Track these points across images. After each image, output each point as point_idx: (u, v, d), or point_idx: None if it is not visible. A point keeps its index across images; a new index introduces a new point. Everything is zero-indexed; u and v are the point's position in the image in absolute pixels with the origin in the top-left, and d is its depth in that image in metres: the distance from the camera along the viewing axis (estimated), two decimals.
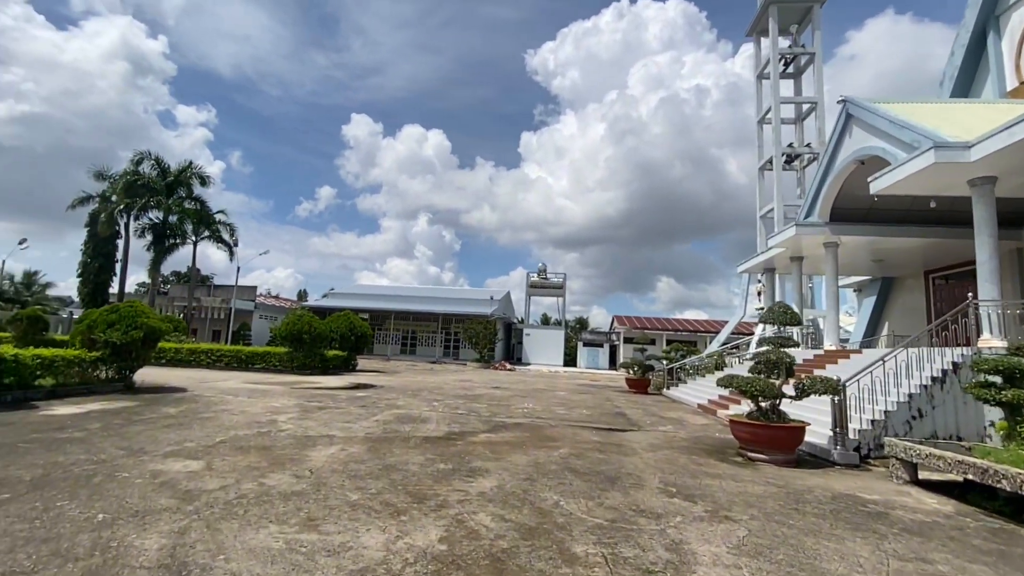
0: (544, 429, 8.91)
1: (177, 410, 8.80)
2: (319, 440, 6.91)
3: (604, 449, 7.35)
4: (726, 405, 12.20)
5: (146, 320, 10.89)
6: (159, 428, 7.14)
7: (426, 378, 19.95)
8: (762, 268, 20.99)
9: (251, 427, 7.58)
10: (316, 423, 8.23)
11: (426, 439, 7.40)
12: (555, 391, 17.06)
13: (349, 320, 22.05)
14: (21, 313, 21.72)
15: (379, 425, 8.35)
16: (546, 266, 46.51)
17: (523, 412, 11.01)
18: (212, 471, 5.10)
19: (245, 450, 6.10)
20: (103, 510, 3.87)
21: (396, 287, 54.51)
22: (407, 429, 8.12)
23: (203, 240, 32.80)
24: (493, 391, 15.63)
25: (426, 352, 42.87)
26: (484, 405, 11.82)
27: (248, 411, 9.10)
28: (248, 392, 11.90)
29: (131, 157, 31.17)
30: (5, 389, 8.71)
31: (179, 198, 32.62)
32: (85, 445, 5.91)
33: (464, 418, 9.64)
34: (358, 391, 13.45)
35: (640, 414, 11.84)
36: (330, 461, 5.76)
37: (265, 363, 19.04)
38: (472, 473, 5.55)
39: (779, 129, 30.40)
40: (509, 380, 21.55)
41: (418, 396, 12.92)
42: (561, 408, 12.14)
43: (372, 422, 8.62)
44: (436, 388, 15.50)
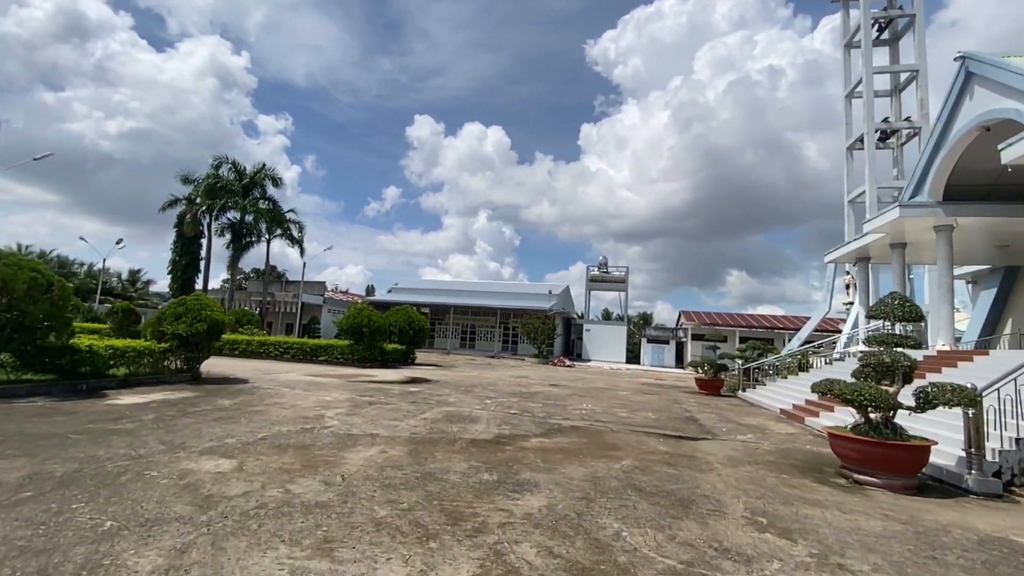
0: (604, 434, 8.05)
1: (231, 402, 8.83)
2: (361, 440, 6.51)
3: (674, 462, 6.40)
4: (815, 412, 10.70)
5: (210, 313, 11.17)
6: (208, 421, 7.06)
7: (482, 373, 19.55)
8: (854, 258, 18.70)
9: (296, 423, 7.35)
10: (362, 420, 7.90)
11: (473, 442, 6.80)
12: (616, 390, 16.02)
13: (407, 314, 22.13)
14: (117, 307, 23.69)
15: (426, 424, 7.87)
16: (607, 259, 44.96)
17: (581, 414, 10.18)
18: (241, 472, 4.76)
19: (283, 449, 5.78)
20: (114, 516, 3.55)
21: (456, 282, 55.07)
22: (454, 430, 7.58)
23: (276, 238, 34.54)
24: (549, 389, 14.88)
25: (485, 346, 42.84)
26: (539, 404, 11.11)
27: (299, 405, 8.98)
28: (305, 385, 11.95)
29: (211, 162, 33.33)
30: (81, 378, 9.13)
31: (254, 199, 34.49)
32: (130, 438, 5.84)
33: (516, 419, 8.98)
34: (412, 386, 13.20)
35: (714, 419, 10.63)
36: (366, 465, 5.29)
37: (328, 355, 19.46)
38: (519, 487, 4.86)
39: (872, 103, 27.03)
40: (567, 377, 20.70)
41: (471, 393, 12.44)
42: (623, 410, 11.18)
43: (419, 420, 8.17)
44: (491, 384, 15.00)
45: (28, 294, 7.89)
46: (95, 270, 63.97)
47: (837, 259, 20.11)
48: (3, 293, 7.72)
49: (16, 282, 7.79)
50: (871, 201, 26.15)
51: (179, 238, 33.43)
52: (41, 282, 8.05)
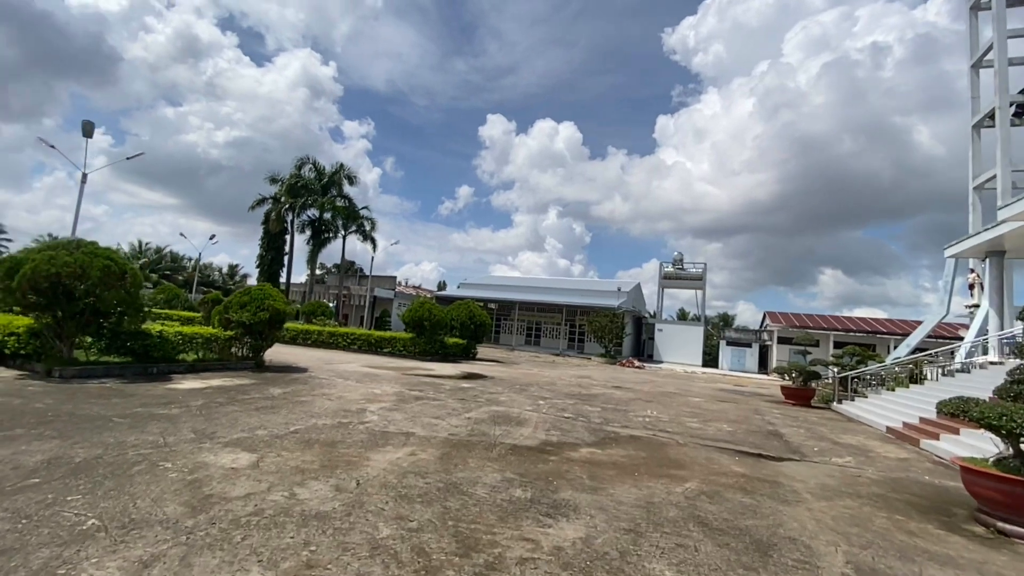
0: (667, 448, 7.05)
1: (281, 391, 8.84)
2: (393, 439, 6.07)
3: (751, 488, 5.32)
4: (934, 433, 8.89)
5: (272, 303, 11.43)
6: (249, 411, 6.98)
7: (542, 371, 18.84)
8: (982, 252, 15.83)
9: (336, 416, 7.09)
10: (403, 416, 7.50)
11: (514, 449, 6.13)
12: (688, 396, 14.64)
13: (469, 309, 21.94)
14: (207, 297, 25.67)
15: (468, 425, 7.32)
16: (682, 256, 42.41)
17: (643, 421, 9.17)
18: (255, 470, 4.44)
19: (309, 445, 5.46)
20: (102, 514, 3.28)
21: (523, 278, 54.74)
22: (497, 433, 6.96)
23: (351, 234, 36.05)
24: (612, 391, 13.86)
25: (550, 344, 42.07)
26: (597, 408, 10.21)
27: (345, 397, 8.81)
28: (359, 376, 11.93)
29: (294, 163, 35.38)
30: (153, 362, 9.61)
31: (331, 196, 36.19)
32: (168, 424, 5.80)
33: (569, 424, 8.19)
34: (465, 382, 12.79)
35: (803, 436, 9.16)
36: (388, 469, 4.79)
37: (391, 348, 19.70)
38: (554, 510, 4.11)
39: (1005, 72, 22.65)
40: (634, 379, 19.43)
41: (525, 392, 11.79)
42: (693, 420, 9.99)
43: (462, 420, 7.64)
44: (548, 384, 14.25)
45: (102, 281, 8.32)
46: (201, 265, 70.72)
47: (960, 254, 17.14)
48: (80, 279, 8.19)
49: (91, 269, 8.24)
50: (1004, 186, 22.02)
51: (266, 234, 35.83)
52: (114, 270, 8.47)
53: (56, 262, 8.04)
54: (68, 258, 8.17)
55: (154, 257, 64.00)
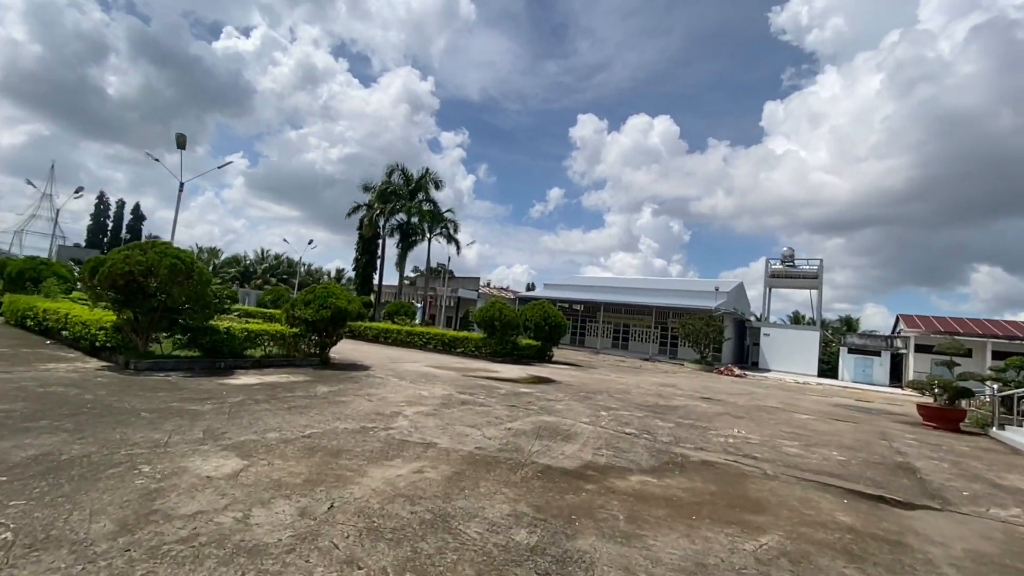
0: (747, 481, 5.59)
1: (328, 389, 8.64)
2: (410, 449, 5.39)
3: (860, 551, 3.82)
4: None
5: (335, 301, 11.50)
6: (280, 409, 6.74)
7: (620, 377, 17.35)
8: None
9: (364, 419, 6.61)
10: (436, 423, 6.83)
11: (545, 471, 5.14)
12: (793, 412, 12.41)
13: (543, 309, 21.04)
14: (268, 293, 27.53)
15: (506, 436, 6.45)
16: (793, 251, 37.84)
17: (725, 443, 7.62)
18: (230, 481, 3.97)
19: (312, 452, 4.95)
20: (24, 527, 2.92)
21: (610, 278, 52.62)
22: (535, 448, 6.00)
23: (435, 236, 36.97)
24: (696, 403, 12.14)
25: (639, 348, 39.70)
26: (670, 424, 8.78)
27: (388, 398, 8.38)
28: (416, 376, 11.58)
29: (384, 170, 37.11)
30: (221, 357, 9.99)
31: (419, 201, 37.42)
32: (185, 421, 5.65)
33: (627, 442, 6.96)
34: (526, 386, 11.91)
35: (946, 473, 7.01)
36: (379, 490, 4.08)
37: (463, 348, 19.45)
38: (558, 566, 3.09)
39: None
40: (730, 390, 17.18)
41: (589, 400, 10.61)
42: (793, 443, 8.18)
43: (501, 430, 6.78)
44: (621, 392, 12.88)
45: (170, 278, 8.73)
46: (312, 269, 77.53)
47: None
48: (151, 277, 8.65)
49: (160, 268, 8.67)
50: None
51: (360, 239, 38.01)
52: (181, 267, 8.86)
53: (130, 261, 8.55)
54: (140, 257, 8.66)
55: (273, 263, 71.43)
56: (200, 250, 69.90)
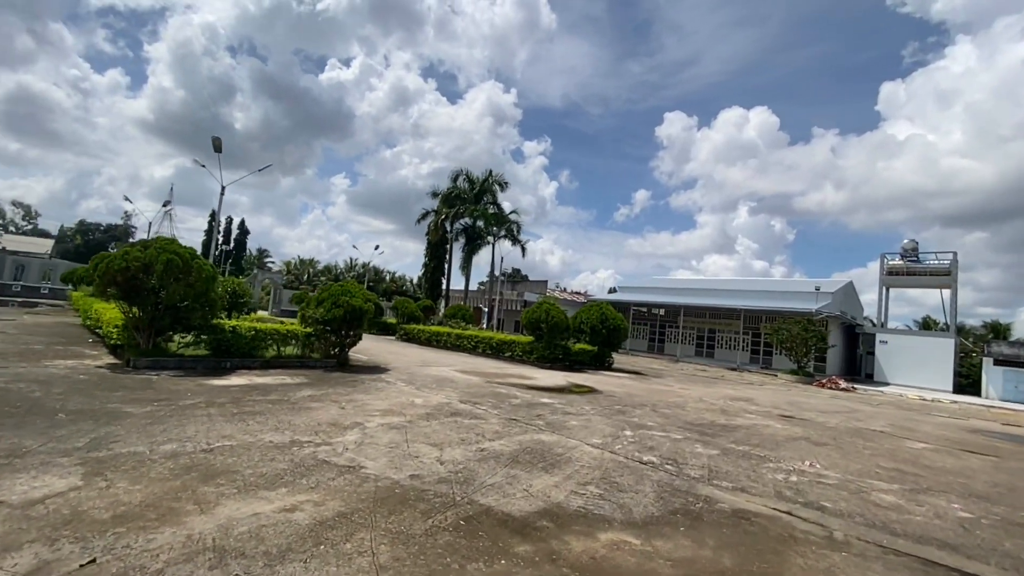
0: (794, 549, 3.69)
1: (312, 393, 7.83)
2: (316, 474, 4.23)
3: None
4: None
5: (347, 299, 10.85)
6: (227, 415, 5.95)
7: (684, 389, 15.01)
8: None
9: (308, 432, 5.60)
10: (396, 438, 5.63)
11: (477, 518, 3.70)
12: (905, 439, 9.55)
13: (600, 311, 19.13)
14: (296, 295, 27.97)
15: (467, 460, 5.07)
16: (916, 243, 31.94)
17: (783, 482, 5.57)
18: (22, 509, 3.05)
19: (185, 471, 3.97)
20: None
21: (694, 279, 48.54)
22: (492, 481, 4.56)
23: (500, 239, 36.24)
24: (767, 424, 9.77)
25: (726, 356, 35.76)
26: (715, 451, 6.79)
27: (369, 406, 7.35)
28: (430, 381, 10.51)
29: (450, 174, 37.17)
30: (229, 356, 9.67)
31: (485, 204, 36.99)
32: (96, 424, 4.98)
33: (635, 474, 5.25)
34: (553, 396, 10.32)
35: None
36: (193, 539, 2.95)
37: (512, 352, 18.18)
38: None
39: None
40: (822, 407, 14.13)
41: (622, 416, 8.81)
42: (890, 486, 5.85)
43: (470, 452, 5.41)
44: (672, 406, 10.80)
45: (165, 273, 8.49)
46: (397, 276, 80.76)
47: None
48: (148, 273, 8.45)
49: (156, 264, 8.45)
50: None
51: (428, 244, 38.36)
52: (177, 263, 8.61)
53: (128, 257, 8.42)
54: (138, 253, 8.51)
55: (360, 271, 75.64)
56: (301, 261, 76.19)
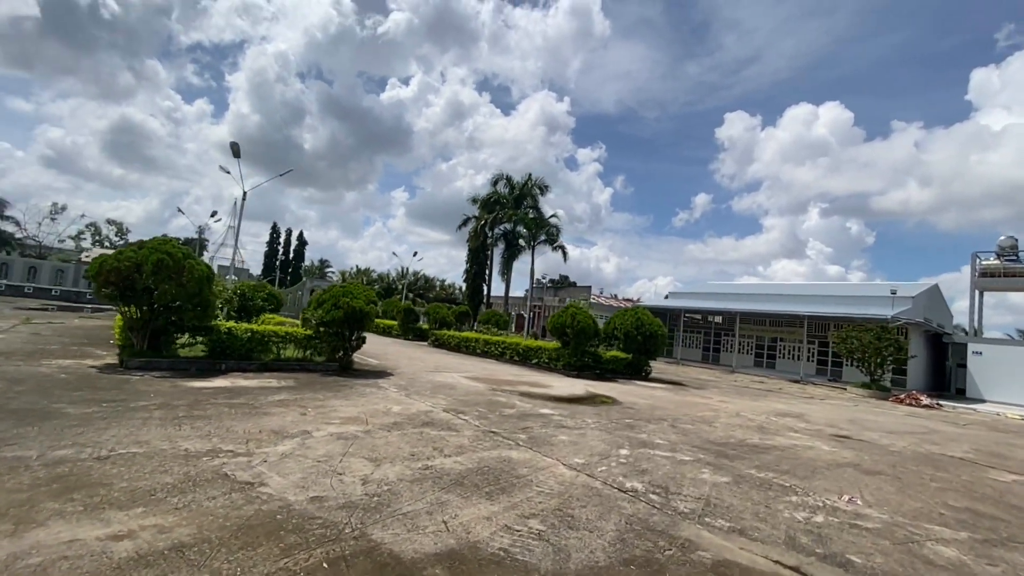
0: None
1: (284, 398, 7.37)
2: (198, 492, 3.62)
3: None
4: None
5: (348, 301, 10.45)
6: (173, 418, 5.54)
7: (725, 402, 13.43)
8: None
9: (242, 440, 5.06)
10: (336, 450, 4.97)
11: (357, 557, 2.92)
12: (988, 470, 7.70)
13: (636, 316, 17.77)
14: (400, 305, 28.03)
15: (401, 480, 4.31)
16: (1015, 240, 27.84)
17: (802, 523, 4.33)
18: None
19: (34, 487, 3.47)
20: None
21: (752, 284, 45.24)
22: (413, 508, 3.76)
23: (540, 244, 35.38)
24: (811, 445, 8.26)
25: (789, 367, 32.75)
26: (726, 478, 5.58)
27: (336, 413, 6.77)
28: (426, 388, 9.82)
29: (490, 179, 36.87)
30: (224, 358, 9.50)
31: (525, 208, 36.35)
32: (42, 428, 4.66)
33: (601, 506, 4.25)
34: (559, 406, 9.32)
35: None
36: None
37: (538, 359, 17.23)
38: None
39: None
40: (894, 425, 12.10)
41: (628, 431, 7.68)
42: (956, 533, 4.44)
43: (412, 469, 4.63)
44: (700, 421, 9.47)
45: (155, 273, 8.41)
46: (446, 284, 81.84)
47: None
48: (139, 273, 8.40)
49: (146, 264, 8.38)
50: None
51: (469, 251, 38.17)
52: (167, 263, 8.52)
53: (121, 257, 8.42)
54: (131, 253, 8.50)
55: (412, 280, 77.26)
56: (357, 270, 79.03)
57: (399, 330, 26.42)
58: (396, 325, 26.76)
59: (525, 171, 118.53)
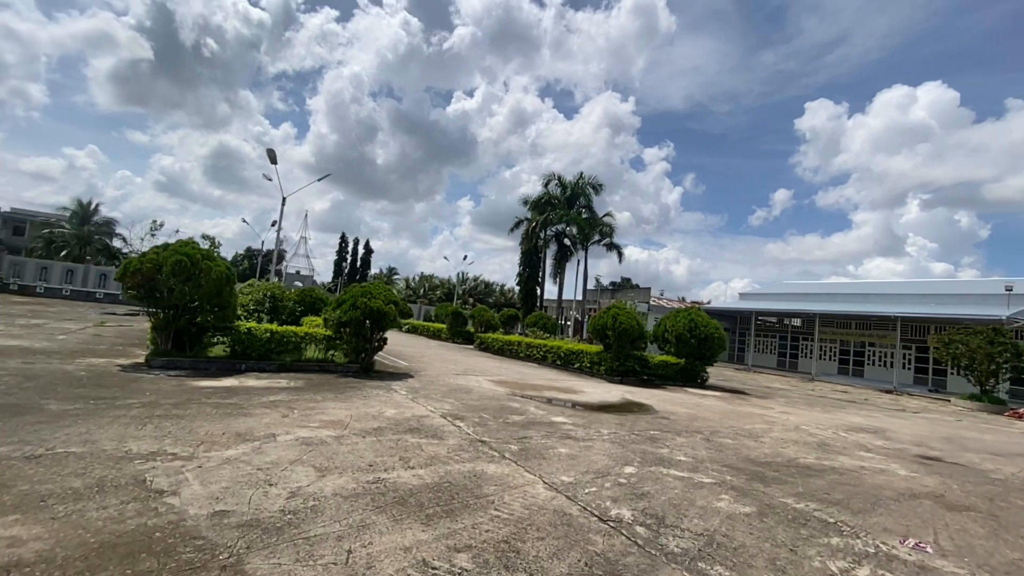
0: None
1: (281, 399, 7.13)
2: (90, 501, 3.26)
3: None
4: None
5: (366, 301, 10.21)
6: (159, 418, 5.40)
7: (783, 413, 11.78)
8: None
9: (198, 444, 4.76)
10: (302, 461, 4.53)
11: None
12: None
13: (689, 317, 16.29)
14: (448, 308, 28.00)
15: (337, 497, 3.76)
16: None
17: None
18: None
19: None
20: None
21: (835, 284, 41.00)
22: (329, 530, 3.19)
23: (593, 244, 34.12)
24: (880, 470, 6.78)
25: (880, 375, 29.15)
26: (748, 508, 4.51)
27: (325, 416, 6.39)
28: (448, 392, 9.29)
29: (542, 179, 36.19)
30: (244, 358, 9.57)
31: (578, 207, 35.31)
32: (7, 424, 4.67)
33: (572, 538, 3.44)
34: (580, 415, 8.42)
35: None
36: None
37: (580, 363, 16.26)
38: None
39: None
40: (1004, 447, 9.93)
41: (646, 445, 6.67)
42: None
43: (363, 482, 4.08)
44: (744, 435, 8.18)
45: (173, 274, 8.59)
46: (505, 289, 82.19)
47: None
48: (160, 274, 8.61)
49: (166, 266, 8.58)
50: None
51: (522, 253, 37.66)
52: (185, 264, 8.68)
53: (143, 259, 8.68)
54: (153, 255, 8.74)
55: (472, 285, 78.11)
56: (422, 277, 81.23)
57: (447, 334, 26.36)
58: (445, 329, 26.75)
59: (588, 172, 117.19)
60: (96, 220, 44.72)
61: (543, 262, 36.83)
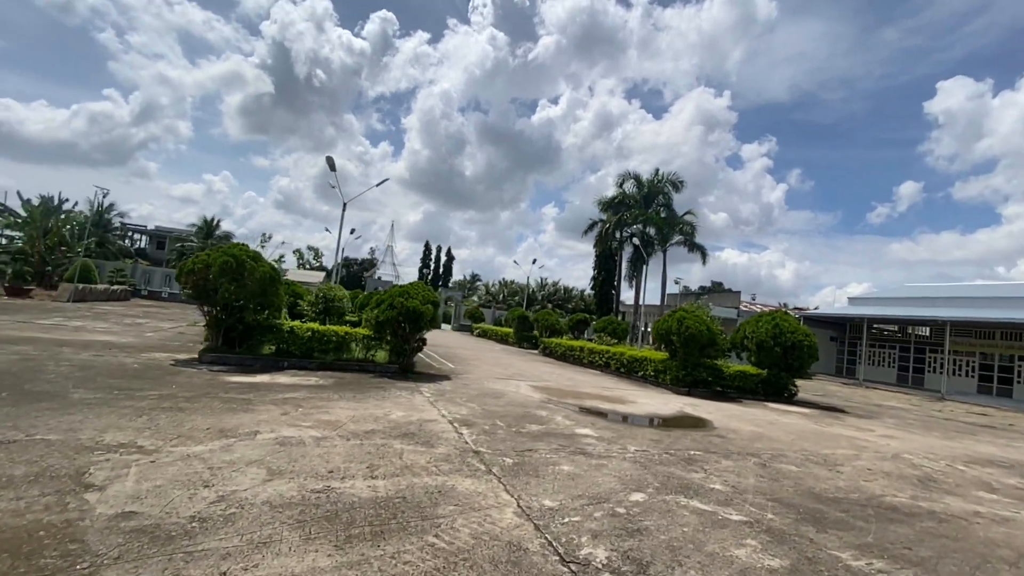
0: None
1: (311, 395, 7.09)
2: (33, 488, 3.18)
3: None
4: None
5: (403, 301, 10.08)
6: (165, 410, 5.53)
7: (883, 438, 9.74)
8: None
9: (178, 440, 4.70)
10: (265, 462, 4.30)
11: None
12: None
13: (774, 322, 14.32)
14: (515, 313, 27.63)
15: (264, 506, 3.40)
16: None
17: None
18: None
19: None
20: None
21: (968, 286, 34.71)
22: (216, 544, 2.81)
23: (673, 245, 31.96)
24: (999, 517, 5.11)
25: None
26: (779, 561, 3.43)
27: (329, 418, 6.19)
28: (478, 397, 8.79)
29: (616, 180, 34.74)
30: (287, 356, 9.84)
31: (656, 206, 33.42)
32: (20, 409, 4.98)
33: None
34: (614, 428, 7.46)
35: None
36: None
37: (644, 371, 14.99)
38: None
39: None
40: None
41: (679, 467, 5.60)
42: None
43: (310, 490, 3.70)
44: (816, 462, 6.71)
45: (221, 274, 9.03)
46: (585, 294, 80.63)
47: None
48: (209, 273, 9.11)
49: (214, 266, 9.05)
50: None
51: (596, 256, 36.40)
52: (231, 264, 9.09)
53: (197, 260, 9.24)
54: (204, 257, 9.27)
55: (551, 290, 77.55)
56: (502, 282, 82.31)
57: (514, 338, 26.01)
58: (511, 333, 26.43)
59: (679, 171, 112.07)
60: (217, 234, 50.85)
61: (619, 265, 35.26)
